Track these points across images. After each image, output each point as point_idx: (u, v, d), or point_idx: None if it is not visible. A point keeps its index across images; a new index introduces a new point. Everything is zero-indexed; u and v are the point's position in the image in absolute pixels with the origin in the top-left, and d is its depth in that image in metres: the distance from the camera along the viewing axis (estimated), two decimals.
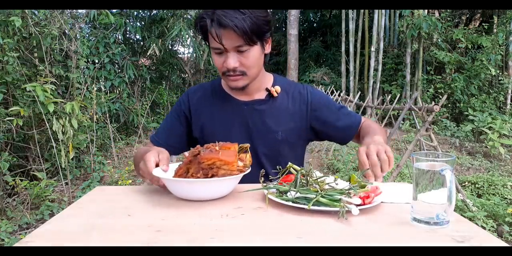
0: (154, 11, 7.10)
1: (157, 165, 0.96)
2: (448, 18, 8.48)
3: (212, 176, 0.89)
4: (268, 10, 1.12)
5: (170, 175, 0.95)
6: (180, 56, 8.32)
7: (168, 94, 7.76)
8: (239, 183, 0.97)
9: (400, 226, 0.77)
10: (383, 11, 9.00)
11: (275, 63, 13.14)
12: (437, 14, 8.58)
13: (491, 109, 7.71)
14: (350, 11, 9.70)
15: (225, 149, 0.92)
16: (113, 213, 0.84)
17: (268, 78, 1.27)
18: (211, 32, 1.04)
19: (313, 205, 0.81)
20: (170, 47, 7.54)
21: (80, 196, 2.21)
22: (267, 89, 1.24)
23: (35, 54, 3.63)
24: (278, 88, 1.24)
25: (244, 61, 1.09)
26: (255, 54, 1.10)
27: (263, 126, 1.22)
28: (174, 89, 8.33)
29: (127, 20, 6.50)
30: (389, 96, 7.57)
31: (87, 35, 5.68)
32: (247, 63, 1.09)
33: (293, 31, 9.28)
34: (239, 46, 1.05)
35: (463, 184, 3.82)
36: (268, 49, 1.16)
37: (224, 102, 1.24)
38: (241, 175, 0.93)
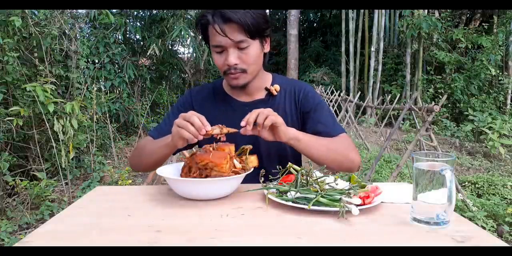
0: (154, 11, 7.10)
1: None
2: (448, 18, 8.48)
3: (206, 176, 0.90)
4: (267, 10, 1.13)
5: (173, 173, 0.96)
6: (180, 56, 8.32)
7: (168, 94, 7.75)
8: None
9: (400, 226, 0.77)
10: (383, 11, 9.00)
11: (275, 63, 13.14)
12: (437, 14, 8.57)
13: (491, 109, 7.71)
14: (350, 11, 9.70)
15: (218, 151, 0.92)
16: (113, 213, 0.84)
17: (267, 78, 1.28)
18: (214, 28, 1.06)
19: (313, 205, 0.81)
20: (170, 47, 7.54)
21: (80, 196, 2.21)
22: (266, 88, 1.25)
23: (35, 54, 3.63)
24: (277, 86, 1.25)
25: (244, 58, 1.10)
26: (255, 51, 1.12)
27: None
28: (174, 89, 8.32)
29: (127, 20, 6.50)
30: (389, 96, 7.58)
31: (87, 35, 5.68)
32: (247, 60, 1.11)
33: (293, 31, 9.29)
34: (240, 41, 1.07)
35: (463, 184, 3.82)
36: (267, 48, 1.18)
37: (226, 104, 1.25)
38: (243, 175, 0.93)
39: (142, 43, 7.20)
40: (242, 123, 0.97)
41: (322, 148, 1.08)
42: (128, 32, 7.07)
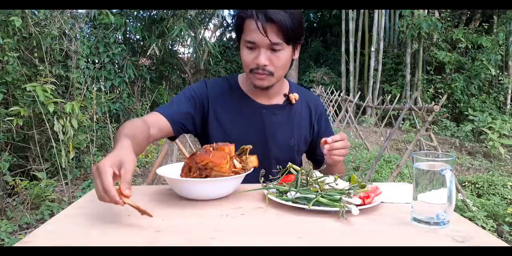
0: (154, 11, 7.10)
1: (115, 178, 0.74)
2: (448, 18, 8.48)
3: (206, 176, 0.90)
4: None
5: (173, 173, 0.97)
6: (180, 56, 8.32)
7: (168, 94, 7.76)
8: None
9: (400, 226, 0.77)
10: (383, 11, 9.00)
11: None
12: (437, 14, 8.57)
13: (491, 109, 7.71)
14: (350, 11, 9.70)
15: (218, 151, 0.92)
16: (113, 213, 0.84)
17: (286, 83, 1.27)
18: (257, 24, 1.02)
19: (313, 205, 0.81)
20: (170, 47, 7.55)
21: (80, 196, 2.21)
22: (285, 95, 1.23)
23: (35, 54, 3.63)
24: (296, 95, 1.24)
25: (275, 61, 1.08)
26: (286, 56, 1.10)
27: (279, 132, 1.21)
28: (174, 89, 8.33)
29: (127, 20, 6.50)
30: (389, 96, 7.58)
31: (87, 35, 5.68)
32: (277, 63, 1.09)
33: None
34: (275, 44, 1.05)
35: (463, 184, 3.82)
36: (296, 55, 1.16)
37: (243, 103, 1.21)
38: (242, 176, 0.93)
39: (142, 43, 7.20)
40: (329, 140, 1.03)
41: (342, 165, 1.21)
42: (128, 32, 7.07)
